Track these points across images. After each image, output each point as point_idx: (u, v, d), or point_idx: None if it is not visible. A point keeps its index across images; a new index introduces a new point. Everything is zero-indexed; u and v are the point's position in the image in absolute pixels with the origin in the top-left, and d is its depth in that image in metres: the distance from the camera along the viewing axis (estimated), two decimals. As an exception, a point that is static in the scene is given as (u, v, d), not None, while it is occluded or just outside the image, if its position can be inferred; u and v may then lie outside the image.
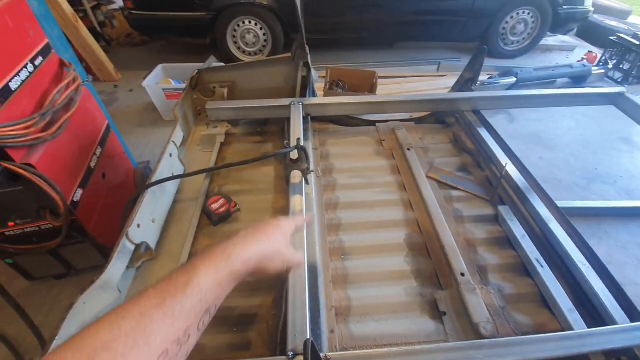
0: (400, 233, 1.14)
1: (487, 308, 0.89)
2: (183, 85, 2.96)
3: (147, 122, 3.24)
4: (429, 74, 3.86)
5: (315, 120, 1.70)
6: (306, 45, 1.56)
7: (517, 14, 4.10)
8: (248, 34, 3.88)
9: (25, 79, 1.30)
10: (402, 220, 1.18)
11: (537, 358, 0.71)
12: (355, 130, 1.68)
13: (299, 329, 0.72)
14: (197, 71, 1.65)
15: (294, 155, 1.07)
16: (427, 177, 1.32)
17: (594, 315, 0.87)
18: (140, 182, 2.12)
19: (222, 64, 1.64)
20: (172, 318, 0.40)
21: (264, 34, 3.89)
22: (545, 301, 0.94)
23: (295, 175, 1.12)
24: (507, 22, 4.17)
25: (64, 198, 1.21)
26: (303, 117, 1.46)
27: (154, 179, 1.07)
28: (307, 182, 1.12)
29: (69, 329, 0.70)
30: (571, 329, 0.83)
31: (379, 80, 3.01)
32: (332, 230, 1.15)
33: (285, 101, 1.56)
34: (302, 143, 1.05)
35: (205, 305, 0.45)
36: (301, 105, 1.53)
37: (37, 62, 1.39)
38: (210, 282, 0.46)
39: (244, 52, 4.04)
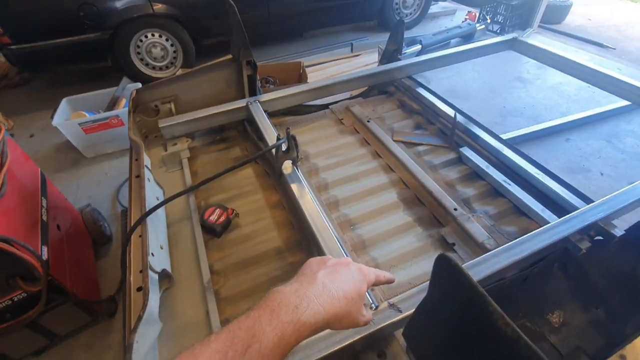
0: (391, 193, 1.26)
1: (483, 229, 1.06)
2: (103, 115, 2.70)
3: (66, 165, 2.87)
4: (345, 56, 4.07)
5: (271, 115, 1.72)
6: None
7: (405, -13, 4.54)
8: (154, 47, 3.62)
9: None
10: (388, 183, 1.30)
11: (533, 250, 0.89)
12: (312, 117, 1.75)
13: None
14: (135, 92, 1.54)
15: (284, 146, 1.10)
16: (394, 140, 1.46)
17: (559, 209, 1.09)
18: (92, 225, 1.92)
19: (163, 80, 1.56)
20: None
21: (172, 45, 3.68)
22: (521, 211, 1.14)
23: (287, 166, 1.16)
24: (398, -3, 4.59)
25: (40, 257, 1.07)
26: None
27: (147, 206, 1.01)
28: (297, 169, 1.16)
29: (135, 369, 0.66)
30: (547, 223, 1.04)
31: (303, 70, 3.11)
32: (333, 208, 1.22)
33: (241, 102, 1.56)
34: (280, 134, 1.09)
35: None
36: (258, 103, 1.55)
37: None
38: (272, 347, 0.42)
39: (153, 67, 3.77)
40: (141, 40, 3.55)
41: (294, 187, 1.11)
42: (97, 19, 3.25)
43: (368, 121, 1.59)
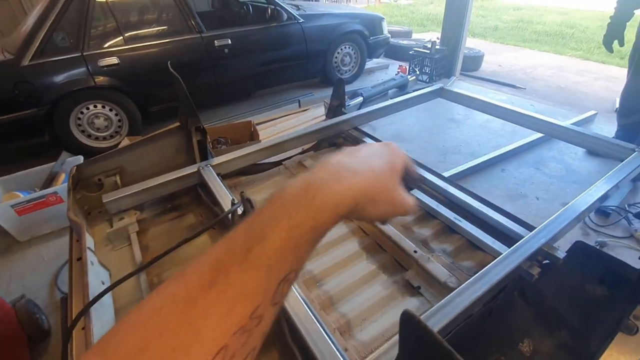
0: (353, 243, 1.27)
1: (444, 267, 1.09)
2: (39, 194, 2.49)
3: (-5, 253, 2.55)
4: (293, 111, 4.27)
5: (225, 177, 1.71)
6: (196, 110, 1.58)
7: (342, 49, 5.01)
8: (97, 118, 3.53)
9: None
10: (348, 232, 1.32)
11: (492, 283, 0.93)
12: (266, 175, 1.77)
13: (330, 357, 0.75)
14: (75, 168, 1.46)
15: (240, 210, 1.08)
16: (348, 190, 1.50)
17: (507, 238, 1.16)
18: (27, 321, 1.67)
19: (107, 152, 1.51)
20: (227, 302, 0.28)
21: (116, 114, 3.61)
22: (475, 245, 1.20)
23: (244, 229, 1.13)
24: (336, 57, 5.02)
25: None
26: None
27: (91, 294, 0.91)
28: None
29: None
30: (500, 254, 1.09)
31: (254, 127, 3.19)
32: (296, 266, 1.19)
33: (192, 168, 1.54)
34: (235, 198, 1.08)
35: (277, 275, 0.31)
36: (210, 167, 1.54)
37: None
38: (280, 244, 0.31)
39: (96, 138, 3.64)
40: (82, 113, 3.45)
41: (253, 250, 1.07)
42: (34, 96, 3.13)
43: (321, 173, 1.63)
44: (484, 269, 0.96)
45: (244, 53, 4.19)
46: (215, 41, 3.91)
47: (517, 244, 1.06)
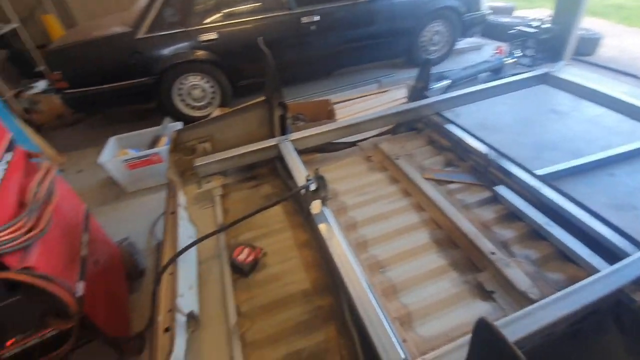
0: (423, 234, 1.21)
1: (526, 275, 0.98)
2: (145, 153, 2.88)
3: (109, 199, 3.05)
4: (372, 92, 4.15)
5: (301, 152, 1.76)
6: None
7: (432, 27, 4.64)
8: (194, 89, 3.90)
9: (0, 180, 1.21)
10: (419, 222, 1.26)
11: (585, 304, 0.81)
12: (341, 154, 1.77)
13: (387, 344, 0.75)
14: (175, 133, 1.64)
15: (313, 186, 1.11)
16: (424, 178, 1.43)
17: (609, 254, 1.00)
18: (128, 260, 1.99)
19: (201, 121, 1.66)
20: None
21: (211, 87, 3.94)
22: (566, 256, 1.05)
23: (315, 206, 1.16)
24: (424, 36, 4.69)
25: (75, 295, 1.11)
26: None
27: (179, 246, 1.04)
28: (326, 209, 1.16)
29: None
30: (597, 270, 0.95)
31: (331, 107, 3.20)
32: (362, 248, 1.19)
33: (272, 141, 1.62)
34: (310, 174, 1.10)
35: None
36: (289, 142, 1.60)
37: (7, 159, 1.30)
38: None
39: (192, 107, 4.03)
40: (182, 84, 3.84)
41: (322, 227, 1.10)
42: (145, 66, 3.57)
43: (397, 158, 1.58)
44: (577, 284, 0.84)
45: (330, 30, 4.16)
46: (303, 18, 3.95)
47: (621, 262, 0.91)
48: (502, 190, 1.31)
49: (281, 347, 0.92)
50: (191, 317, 0.95)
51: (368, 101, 3.92)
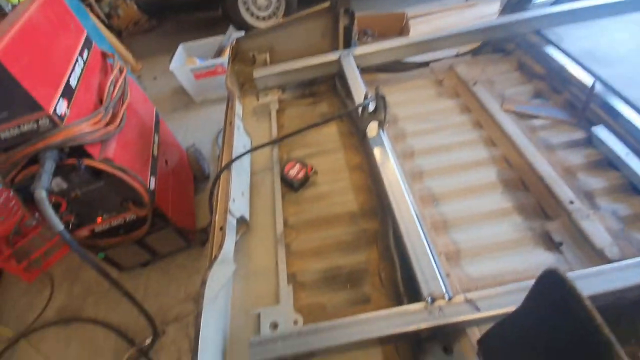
0: (489, 171, 1.09)
1: (607, 232, 0.85)
2: (210, 63, 2.91)
3: (179, 107, 3.25)
4: (457, 6, 3.55)
5: (364, 71, 1.61)
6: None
7: None
8: (259, -3, 3.69)
9: (80, 75, 1.30)
10: (487, 158, 1.13)
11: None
12: (408, 75, 1.59)
13: (429, 275, 0.72)
14: (235, 41, 1.59)
15: (372, 106, 1.02)
16: (503, 110, 1.24)
17: None
18: (194, 164, 2.16)
19: (261, 29, 1.56)
20: None
21: (276, -5, 3.69)
22: (666, 217, 0.88)
23: (372, 128, 1.08)
24: None
25: (146, 187, 1.24)
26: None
27: (234, 154, 1.06)
28: (383, 132, 1.08)
29: (207, 302, 0.73)
30: None
31: (406, 21, 2.82)
32: (416, 178, 1.11)
33: (333, 55, 1.49)
34: (369, 93, 1.00)
35: None
36: (351, 56, 1.46)
37: (84, 56, 1.37)
38: None
39: (257, 17, 3.87)
40: (248, -10, 3.63)
41: (376, 151, 1.04)
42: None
43: (474, 84, 1.37)
44: (674, 251, 0.70)
45: None
46: None
47: None
48: (601, 131, 1.08)
49: (323, 261, 0.95)
50: (242, 221, 1.01)
51: (450, 17, 3.37)
